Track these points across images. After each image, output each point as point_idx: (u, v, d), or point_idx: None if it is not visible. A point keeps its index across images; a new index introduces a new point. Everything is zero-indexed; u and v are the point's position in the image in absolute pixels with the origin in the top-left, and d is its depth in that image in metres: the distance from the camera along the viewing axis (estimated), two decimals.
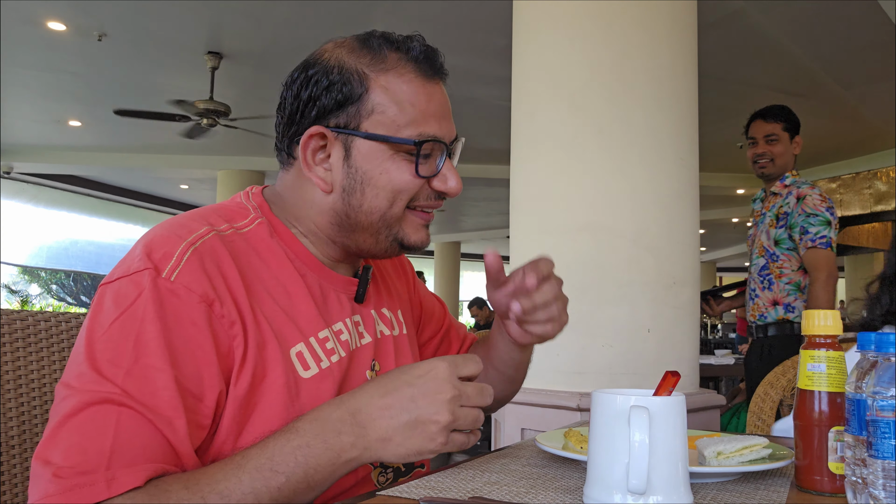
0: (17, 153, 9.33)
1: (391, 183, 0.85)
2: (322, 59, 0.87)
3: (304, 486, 0.71)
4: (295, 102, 0.87)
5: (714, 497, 0.73)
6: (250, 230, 0.86)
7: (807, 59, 5.73)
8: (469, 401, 0.74)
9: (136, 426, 0.69)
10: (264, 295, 0.82)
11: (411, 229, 0.89)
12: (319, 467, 0.71)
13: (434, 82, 0.88)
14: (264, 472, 0.70)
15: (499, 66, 5.35)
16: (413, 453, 0.72)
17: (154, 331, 0.72)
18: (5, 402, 0.96)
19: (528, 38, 2.63)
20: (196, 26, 5.44)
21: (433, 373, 0.73)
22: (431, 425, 0.71)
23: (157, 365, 0.71)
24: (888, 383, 0.62)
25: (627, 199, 2.39)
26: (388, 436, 0.72)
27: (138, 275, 0.75)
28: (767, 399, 1.69)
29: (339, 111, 0.84)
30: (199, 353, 0.74)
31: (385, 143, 0.84)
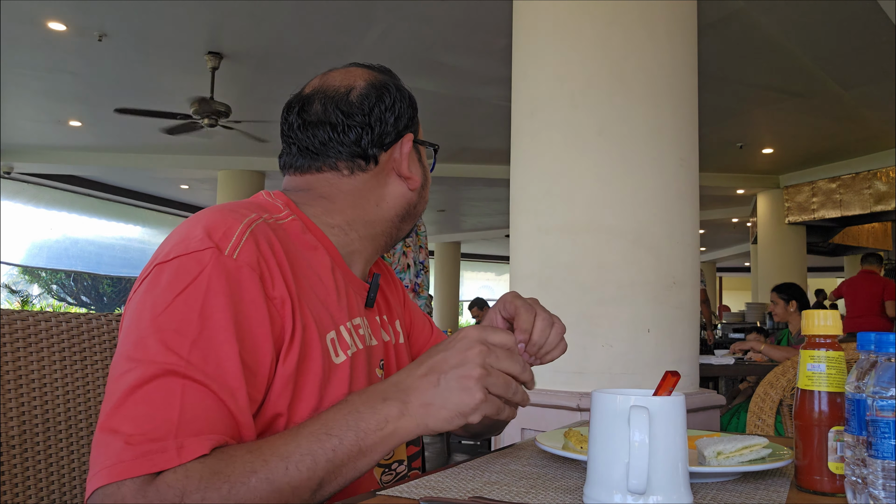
0: (18, 153, 9.33)
1: (429, 175, 1.07)
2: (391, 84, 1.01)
3: (356, 449, 0.73)
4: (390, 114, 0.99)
5: (714, 497, 0.73)
6: (286, 223, 0.90)
7: (807, 59, 5.73)
8: (499, 361, 0.75)
9: (200, 397, 0.72)
10: (304, 280, 0.86)
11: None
12: (369, 431, 0.73)
13: None
14: (319, 435, 0.73)
15: (499, 66, 5.36)
16: (456, 414, 0.74)
17: (219, 304, 0.76)
18: (5, 402, 0.96)
19: (528, 38, 2.63)
20: (196, 26, 5.44)
21: (462, 334, 0.78)
22: (465, 380, 0.73)
23: (221, 337, 0.75)
24: (888, 383, 0.62)
25: (627, 199, 2.39)
26: (430, 400, 0.74)
27: (200, 253, 0.78)
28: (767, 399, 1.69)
29: (410, 124, 1.02)
30: (259, 329, 0.78)
31: (423, 147, 1.06)
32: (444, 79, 6.14)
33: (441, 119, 7.30)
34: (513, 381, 0.76)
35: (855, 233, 11.41)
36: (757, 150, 8.80)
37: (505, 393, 0.75)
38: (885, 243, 11.49)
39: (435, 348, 0.78)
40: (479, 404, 0.73)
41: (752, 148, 8.69)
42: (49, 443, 1.01)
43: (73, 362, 1.06)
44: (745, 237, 13.93)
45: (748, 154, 8.94)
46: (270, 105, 7.02)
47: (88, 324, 1.09)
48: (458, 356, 0.75)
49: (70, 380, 1.05)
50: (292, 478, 0.71)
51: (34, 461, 0.99)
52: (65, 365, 1.05)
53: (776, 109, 7.13)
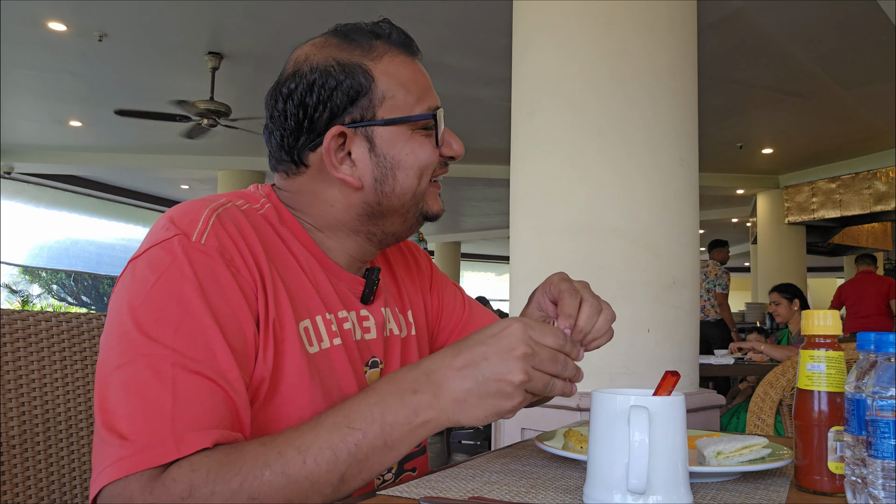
0: (18, 153, 9.34)
1: (418, 160, 0.88)
2: (312, 62, 0.87)
3: (380, 442, 0.70)
4: (300, 110, 0.87)
5: (714, 497, 0.73)
6: (263, 212, 0.89)
7: (807, 59, 5.73)
8: (542, 364, 0.71)
9: (194, 384, 0.70)
10: (280, 266, 0.85)
11: (432, 200, 0.93)
12: (396, 424, 0.71)
13: (416, 58, 0.93)
14: (341, 428, 0.70)
15: (499, 66, 5.36)
16: (491, 414, 0.71)
17: (195, 289, 0.74)
18: (5, 402, 0.96)
19: (528, 38, 2.63)
20: (196, 26, 5.44)
21: (507, 331, 0.72)
22: (505, 385, 0.70)
23: (204, 321, 0.73)
24: (888, 383, 0.62)
25: (627, 199, 2.39)
26: (463, 397, 0.71)
27: (168, 242, 0.77)
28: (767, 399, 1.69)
29: (352, 107, 0.86)
30: (238, 310, 0.77)
31: (405, 125, 0.87)
32: (443, 79, 6.14)
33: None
34: (552, 379, 0.73)
35: (855, 233, 11.41)
36: (757, 150, 8.80)
37: (543, 391, 0.72)
38: (885, 243, 11.49)
39: (475, 336, 0.73)
40: (517, 406, 0.71)
41: (752, 148, 8.69)
42: (49, 443, 1.01)
43: (73, 362, 1.06)
44: (745, 237, 13.93)
45: (748, 154, 8.94)
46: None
47: (88, 324, 1.09)
48: (500, 357, 0.70)
49: (70, 380, 1.05)
50: (311, 472, 0.68)
51: (34, 461, 0.99)
52: (65, 365, 1.04)
53: (776, 109, 7.13)
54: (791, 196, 9.86)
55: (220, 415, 0.70)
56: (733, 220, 13.05)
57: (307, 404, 0.80)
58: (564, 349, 0.73)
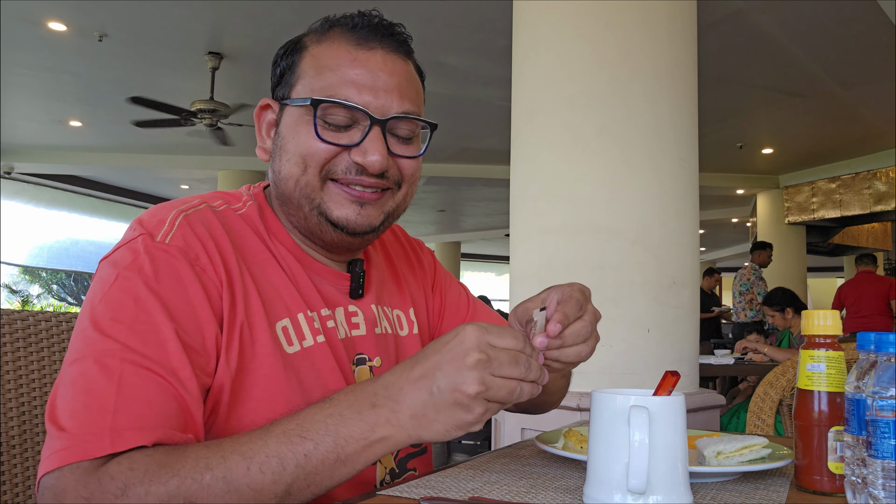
0: (18, 153, 9.33)
1: (298, 146, 0.84)
2: (293, 39, 0.90)
3: (333, 456, 0.67)
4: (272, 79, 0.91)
5: (714, 497, 0.73)
6: (244, 212, 0.89)
7: (807, 59, 5.73)
8: (502, 369, 0.66)
9: (140, 380, 0.69)
10: (255, 266, 0.84)
11: (333, 203, 0.85)
12: (351, 439, 0.67)
13: (367, 49, 0.85)
14: (292, 436, 0.67)
15: (499, 66, 5.36)
16: (451, 427, 0.67)
17: (151, 288, 0.74)
18: (5, 402, 0.96)
19: (528, 38, 2.63)
20: (196, 27, 5.44)
21: (459, 337, 0.68)
22: (461, 396, 0.66)
23: (158, 319, 0.72)
24: (888, 383, 0.62)
25: (627, 199, 2.39)
26: (421, 411, 0.67)
27: (133, 242, 0.78)
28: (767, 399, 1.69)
29: (280, 83, 0.88)
30: (199, 308, 0.76)
31: (300, 108, 0.84)
32: (444, 79, 6.14)
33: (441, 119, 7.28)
34: (517, 385, 0.68)
35: (855, 233, 11.40)
36: (757, 150, 8.80)
37: (508, 399, 0.68)
38: (885, 243, 11.49)
39: (431, 345, 0.70)
40: (477, 418, 0.67)
41: (752, 148, 8.69)
42: None
43: None
44: (745, 237, 13.93)
45: (748, 154, 8.94)
46: None
47: None
48: (454, 365, 0.66)
49: None
50: (254, 480, 0.65)
51: (34, 461, 0.99)
52: None
53: (776, 109, 7.13)
54: (791, 196, 9.86)
55: (168, 413, 0.69)
56: (733, 220, 13.04)
57: (283, 405, 0.79)
58: (525, 351, 0.69)
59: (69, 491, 0.63)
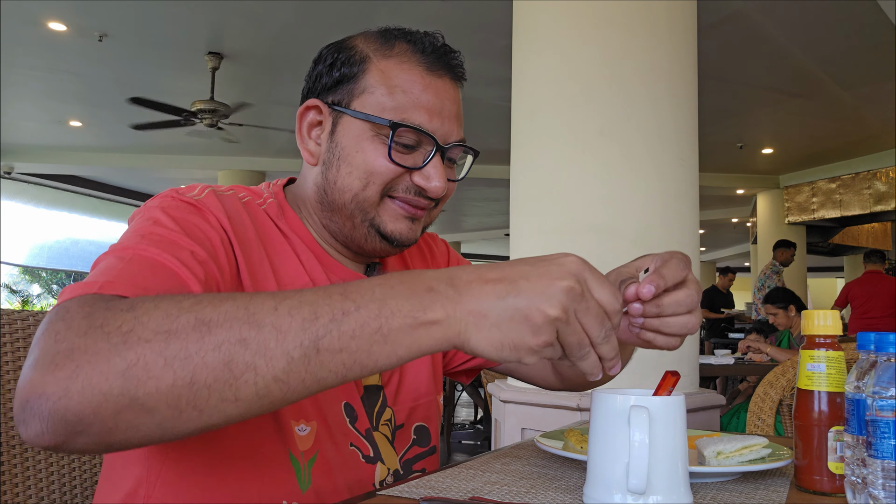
0: (18, 153, 9.34)
1: (365, 163, 0.84)
2: (343, 42, 0.90)
3: (374, 325, 0.57)
4: (309, 79, 0.91)
5: (714, 497, 0.73)
6: (265, 207, 0.89)
7: (807, 60, 5.73)
8: (586, 315, 0.59)
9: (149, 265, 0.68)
10: (274, 256, 0.85)
11: (388, 217, 0.86)
12: (398, 311, 0.58)
13: (437, 76, 0.87)
14: (332, 293, 0.59)
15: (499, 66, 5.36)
16: (508, 344, 0.58)
17: (173, 216, 0.75)
18: (5, 402, 0.96)
19: (528, 38, 2.63)
20: (196, 27, 5.44)
21: (559, 259, 0.61)
22: (537, 314, 0.57)
23: (175, 236, 0.73)
24: (888, 383, 0.62)
25: (628, 199, 2.39)
26: (485, 311, 0.58)
27: (162, 197, 0.80)
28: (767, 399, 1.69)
29: (336, 88, 0.87)
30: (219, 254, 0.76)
31: (367, 123, 0.84)
32: None
33: None
34: (588, 343, 0.60)
35: (855, 233, 11.40)
36: (757, 150, 8.80)
37: (573, 351, 0.60)
38: (885, 243, 11.48)
39: (520, 259, 0.62)
40: (540, 346, 0.58)
41: (752, 148, 8.69)
42: None
43: None
44: (745, 237, 13.94)
45: (748, 154, 8.94)
46: (270, 105, 7.03)
47: None
48: (544, 281, 0.58)
49: None
50: (280, 320, 0.57)
51: (34, 461, 0.99)
52: None
53: (776, 109, 7.13)
54: (791, 196, 9.87)
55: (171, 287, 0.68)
56: (733, 220, 13.05)
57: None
58: (614, 317, 0.61)
59: (73, 309, 0.60)
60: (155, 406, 0.55)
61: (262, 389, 0.56)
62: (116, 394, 0.54)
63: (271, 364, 0.56)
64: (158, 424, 0.56)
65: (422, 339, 0.58)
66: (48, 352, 0.56)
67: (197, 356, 0.55)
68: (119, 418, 0.55)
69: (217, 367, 0.55)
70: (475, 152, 0.93)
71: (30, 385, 0.55)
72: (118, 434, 0.55)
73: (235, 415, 0.57)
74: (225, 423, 0.58)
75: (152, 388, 0.54)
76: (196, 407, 0.55)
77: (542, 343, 0.58)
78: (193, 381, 0.55)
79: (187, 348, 0.55)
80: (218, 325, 0.56)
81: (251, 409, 0.57)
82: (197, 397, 0.55)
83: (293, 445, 0.82)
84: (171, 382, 0.55)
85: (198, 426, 0.57)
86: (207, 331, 0.56)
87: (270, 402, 0.58)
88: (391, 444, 0.92)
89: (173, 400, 0.55)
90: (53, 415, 0.54)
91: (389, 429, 0.93)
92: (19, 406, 0.55)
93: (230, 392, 0.56)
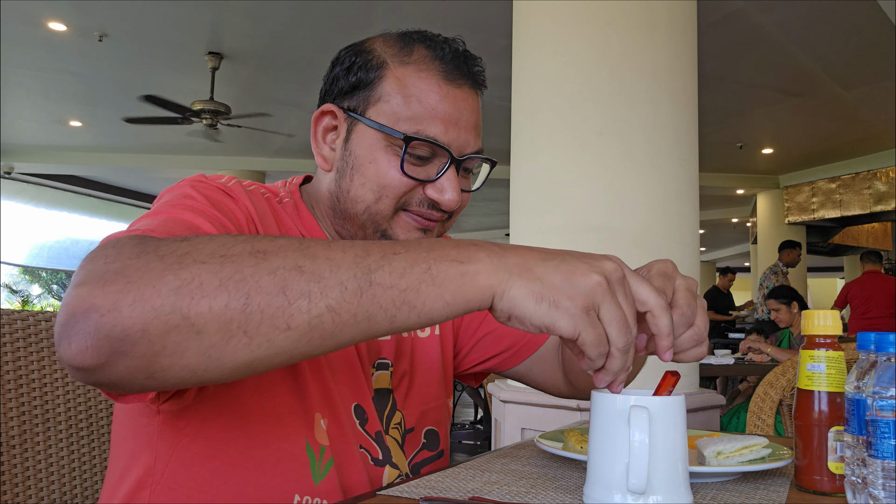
0: (18, 153, 9.34)
1: (378, 175, 0.83)
2: (361, 44, 0.88)
3: (423, 266, 0.57)
4: (326, 81, 0.90)
5: (714, 497, 0.73)
6: (283, 205, 0.90)
7: (807, 59, 5.73)
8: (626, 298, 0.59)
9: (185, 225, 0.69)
10: None
11: (401, 230, 0.85)
12: (445, 257, 0.58)
13: (456, 86, 0.84)
14: (383, 243, 0.60)
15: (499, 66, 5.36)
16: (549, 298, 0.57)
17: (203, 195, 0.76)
18: (5, 402, 0.96)
19: (528, 38, 2.63)
20: (196, 26, 5.44)
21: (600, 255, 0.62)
22: (583, 278, 0.57)
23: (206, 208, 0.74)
24: (888, 383, 0.62)
25: (627, 199, 2.39)
26: (530, 266, 0.59)
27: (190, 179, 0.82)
28: (767, 399, 1.69)
29: (353, 94, 0.85)
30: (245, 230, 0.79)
31: (380, 133, 0.83)
32: None
33: None
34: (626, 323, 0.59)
35: (855, 233, 11.40)
36: (757, 150, 8.80)
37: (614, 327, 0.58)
38: (885, 243, 11.49)
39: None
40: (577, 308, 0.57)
41: (752, 148, 8.69)
42: (49, 443, 1.01)
43: None
44: (745, 237, 13.94)
45: (748, 154, 8.94)
46: (271, 105, 7.03)
47: None
48: (587, 258, 0.60)
49: (70, 380, 1.05)
50: (333, 253, 0.57)
51: (34, 461, 0.99)
52: None
53: (776, 109, 7.13)
54: (791, 196, 9.86)
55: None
56: (733, 220, 13.05)
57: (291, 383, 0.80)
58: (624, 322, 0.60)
59: (123, 239, 0.60)
60: (205, 327, 0.53)
61: (315, 319, 0.55)
62: (168, 311, 0.53)
63: (326, 292, 0.55)
64: (205, 350, 0.54)
65: (467, 286, 0.58)
66: (97, 271, 0.54)
67: (252, 279, 0.54)
68: (167, 339, 0.53)
69: (272, 290, 0.54)
70: (493, 162, 0.91)
71: (77, 299, 0.53)
72: (163, 358, 0.54)
73: (285, 346, 0.56)
74: (271, 357, 0.56)
75: (205, 308, 0.53)
76: (247, 332, 0.54)
77: (581, 306, 0.57)
78: (247, 304, 0.54)
79: (242, 271, 0.54)
80: (274, 253, 0.56)
81: (301, 341, 0.56)
82: (249, 321, 0.54)
83: (311, 435, 0.81)
84: (225, 303, 0.53)
85: (244, 357, 0.55)
86: (263, 257, 0.55)
87: (321, 335, 0.56)
88: (401, 448, 0.92)
89: (224, 323, 0.54)
90: (100, 329, 0.52)
91: (399, 432, 0.93)
92: (62, 323, 0.53)
93: (282, 319, 0.55)
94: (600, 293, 0.58)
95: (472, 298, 0.58)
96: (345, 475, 0.84)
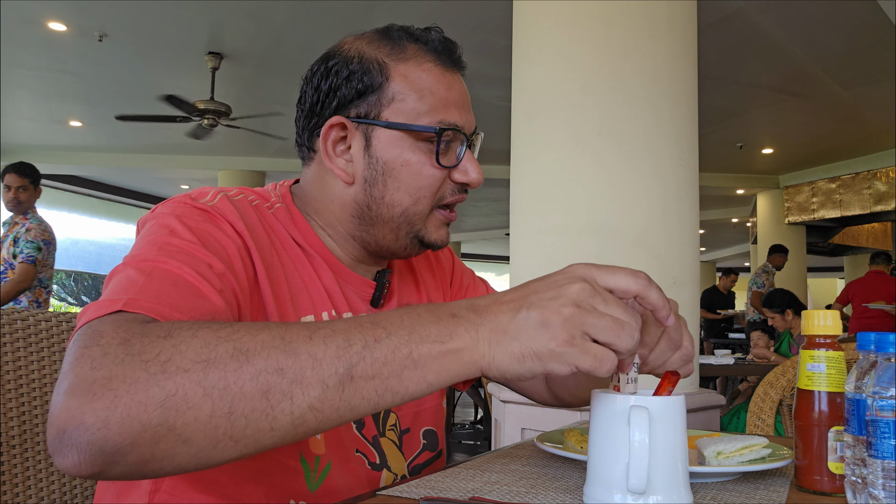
0: (18, 153, 9.33)
1: (412, 177, 0.84)
2: (342, 50, 0.87)
3: (405, 351, 0.58)
4: (315, 94, 0.87)
5: (714, 497, 0.73)
6: (274, 211, 0.89)
7: (807, 59, 5.73)
8: (606, 303, 0.59)
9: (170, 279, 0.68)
10: (286, 258, 0.84)
11: (433, 227, 0.88)
12: (427, 337, 0.59)
13: (452, 72, 0.88)
14: (363, 322, 0.60)
15: (499, 66, 5.36)
16: (529, 352, 0.58)
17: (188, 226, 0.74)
18: (5, 402, 0.96)
19: (528, 38, 2.63)
20: (196, 26, 5.44)
21: (566, 269, 0.62)
22: (551, 316, 0.58)
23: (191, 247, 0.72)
24: (888, 383, 0.62)
25: (627, 199, 2.39)
26: (504, 327, 0.59)
27: (172, 201, 0.79)
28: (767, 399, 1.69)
29: (360, 101, 0.85)
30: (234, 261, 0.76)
31: (405, 132, 0.83)
32: None
33: None
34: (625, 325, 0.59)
35: (855, 233, 11.41)
36: (757, 150, 8.80)
37: (609, 336, 0.58)
38: (885, 243, 11.48)
39: (533, 279, 0.63)
40: (560, 346, 0.57)
41: (752, 148, 8.69)
42: None
43: None
44: (745, 237, 13.94)
45: (748, 154, 8.94)
46: (271, 105, 7.02)
47: None
48: (552, 289, 0.60)
49: None
50: (315, 348, 0.57)
51: (34, 461, 0.99)
52: None
53: (776, 109, 7.14)
54: (791, 196, 9.87)
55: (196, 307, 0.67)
56: (733, 220, 13.05)
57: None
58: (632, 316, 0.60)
59: (108, 333, 0.58)
60: (192, 436, 0.55)
61: (298, 419, 0.57)
62: (155, 424, 0.54)
63: (307, 392, 0.57)
64: (194, 455, 0.56)
65: (450, 365, 0.60)
66: (84, 379, 0.55)
67: (235, 386, 0.55)
68: (156, 448, 0.55)
69: (255, 396, 0.56)
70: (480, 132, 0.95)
71: (67, 414, 0.54)
72: (154, 464, 0.55)
73: (269, 444, 0.58)
74: (257, 453, 0.58)
75: (191, 419, 0.55)
76: (232, 437, 0.56)
77: (562, 342, 0.58)
78: (231, 412, 0.55)
79: (226, 378, 0.55)
80: (256, 353, 0.56)
81: (285, 438, 0.58)
82: (234, 427, 0.55)
83: (305, 447, 0.82)
84: (210, 413, 0.55)
85: (232, 456, 0.57)
86: (245, 360, 0.56)
87: (304, 432, 0.58)
88: (399, 450, 0.92)
89: (211, 430, 0.55)
90: (91, 445, 0.53)
91: (396, 434, 0.93)
92: (55, 436, 0.54)
93: (266, 422, 0.56)
94: (577, 320, 0.58)
95: (457, 374, 0.60)
96: (342, 480, 0.84)
